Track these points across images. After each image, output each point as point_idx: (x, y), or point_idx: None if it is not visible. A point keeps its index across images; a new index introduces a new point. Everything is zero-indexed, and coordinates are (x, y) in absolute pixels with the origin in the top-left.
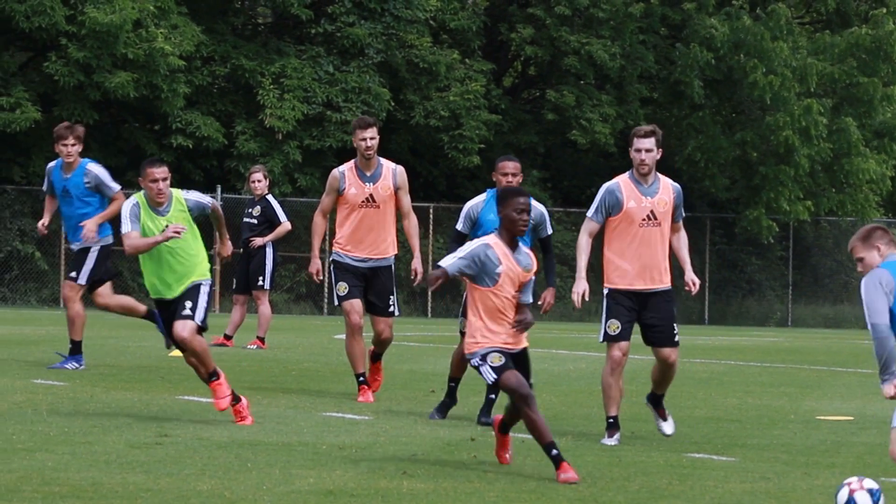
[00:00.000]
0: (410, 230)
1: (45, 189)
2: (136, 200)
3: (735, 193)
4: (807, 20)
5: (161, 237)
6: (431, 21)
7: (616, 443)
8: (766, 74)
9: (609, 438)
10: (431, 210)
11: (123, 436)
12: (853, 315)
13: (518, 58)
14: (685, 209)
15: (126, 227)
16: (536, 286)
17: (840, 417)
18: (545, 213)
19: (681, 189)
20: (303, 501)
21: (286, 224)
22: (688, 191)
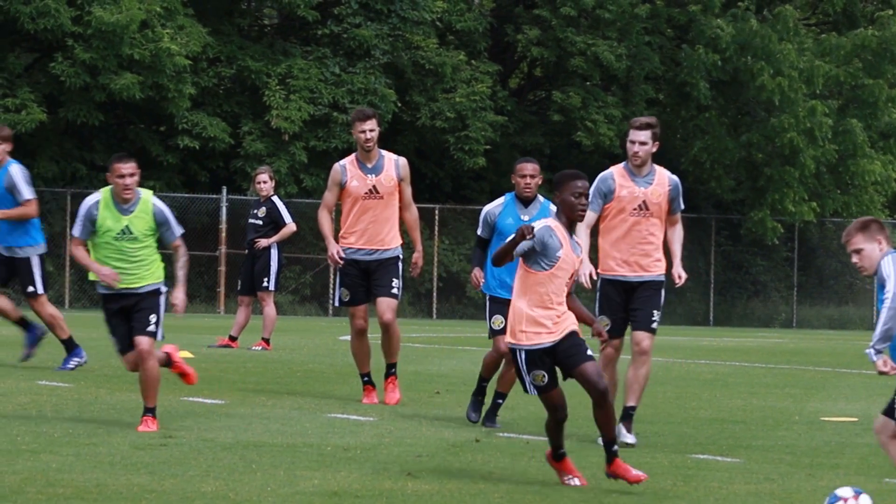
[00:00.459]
0: (411, 222)
1: None
2: (98, 199)
3: (740, 195)
4: (812, 21)
5: (99, 271)
6: (438, 22)
7: (633, 440)
8: (774, 77)
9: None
10: (437, 211)
11: (128, 437)
12: (858, 316)
13: (524, 59)
14: (690, 209)
15: (75, 231)
16: None
17: (844, 419)
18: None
19: (678, 181)
20: (307, 503)
21: (291, 225)
22: (693, 192)
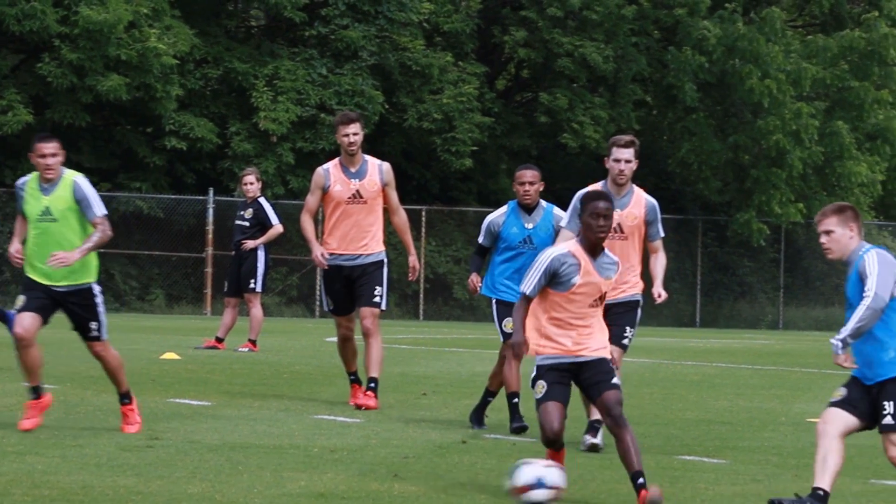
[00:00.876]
0: (401, 226)
1: None
2: (27, 178)
3: (727, 196)
4: (799, 23)
5: (10, 255)
6: (425, 23)
7: (601, 441)
8: (762, 79)
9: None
10: (424, 213)
11: (114, 439)
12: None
13: (511, 60)
14: (677, 211)
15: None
16: None
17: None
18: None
19: (656, 205)
20: None
21: (278, 227)
22: (680, 193)
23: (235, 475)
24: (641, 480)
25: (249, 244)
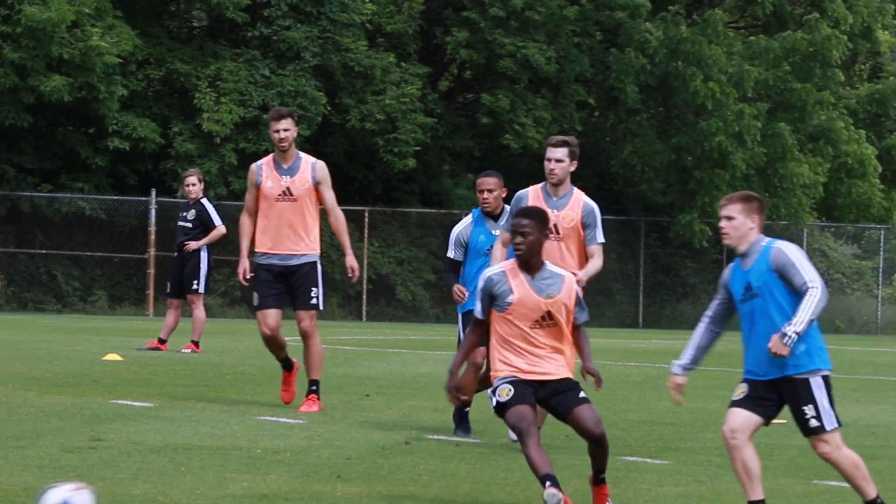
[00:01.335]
0: (338, 226)
1: None
2: None
3: (670, 198)
4: (742, 24)
5: None
6: (367, 24)
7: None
8: (705, 81)
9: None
10: (367, 214)
11: (56, 440)
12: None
13: (453, 61)
14: (620, 212)
15: None
16: None
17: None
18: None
19: (595, 208)
20: None
21: (221, 228)
22: (623, 195)
23: (178, 476)
24: (602, 476)
25: (192, 245)
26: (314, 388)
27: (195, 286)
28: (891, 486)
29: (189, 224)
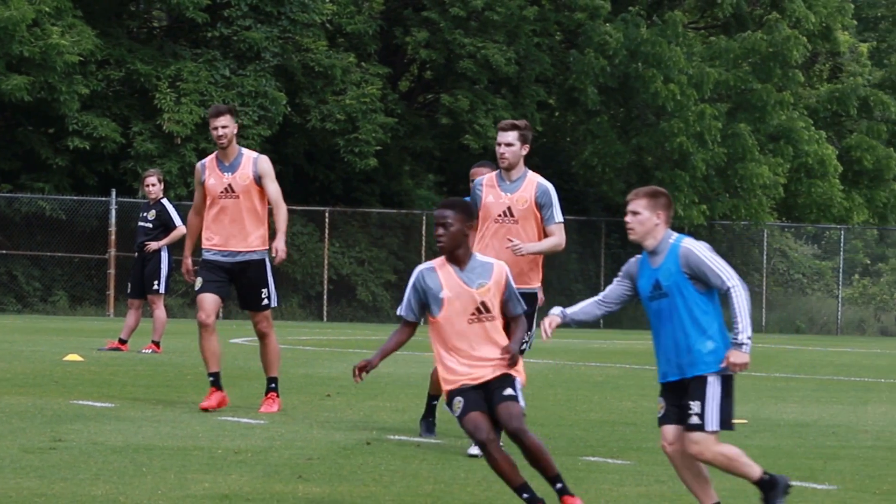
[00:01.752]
0: (278, 217)
1: None
2: None
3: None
4: (702, 24)
5: None
6: (328, 24)
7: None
8: (665, 83)
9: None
10: (327, 214)
11: (17, 440)
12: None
13: (414, 62)
14: (580, 212)
15: None
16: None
17: (734, 420)
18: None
19: (549, 188)
20: None
21: (181, 228)
22: (584, 195)
23: (139, 477)
24: (561, 485)
25: (152, 245)
26: (273, 386)
27: (156, 286)
28: (852, 487)
29: (149, 224)
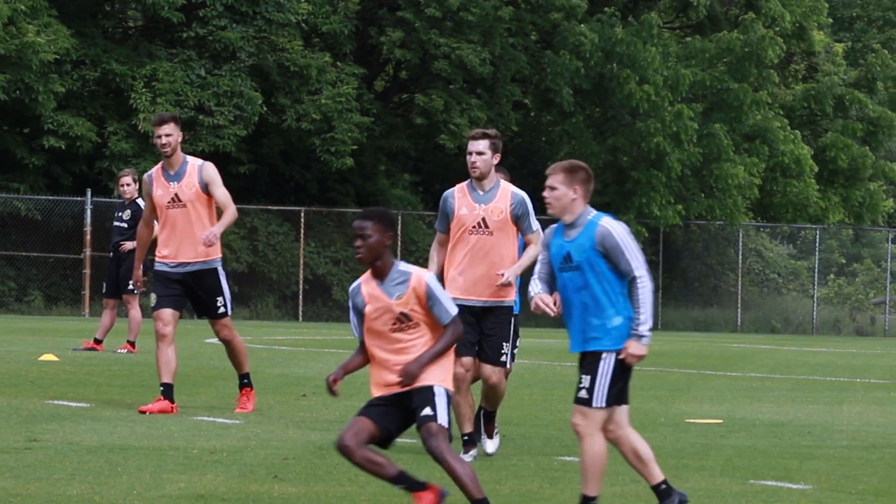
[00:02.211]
0: (225, 215)
1: None
2: None
3: (607, 198)
4: (677, 24)
5: None
6: (303, 24)
7: (472, 459)
8: (640, 84)
9: (465, 455)
10: (303, 214)
11: None
12: (723, 319)
13: (389, 62)
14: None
15: None
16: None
17: (709, 420)
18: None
19: (525, 198)
20: None
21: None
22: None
23: (115, 477)
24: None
25: (128, 245)
26: (246, 381)
27: (131, 286)
28: (827, 486)
29: (124, 224)
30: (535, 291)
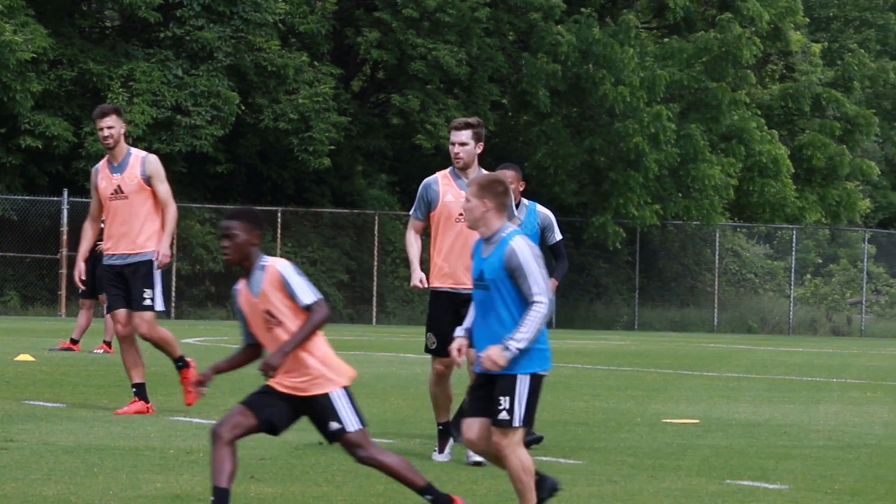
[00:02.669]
0: (165, 217)
1: None
2: None
3: (584, 198)
4: (654, 24)
5: None
6: (280, 24)
7: (447, 456)
8: (616, 85)
9: (440, 453)
10: (280, 214)
11: None
12: (699, 318)
13: (366, 62)
14: None
15: None
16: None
17: (686, 420)
18: (552, 218)
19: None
20: None
21: None
22: (536, 196)
23: (91, 477)
24: (431, 496)
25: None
26: (181, 364)
27: None
28: (803, 486)
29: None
30: (458, 333)
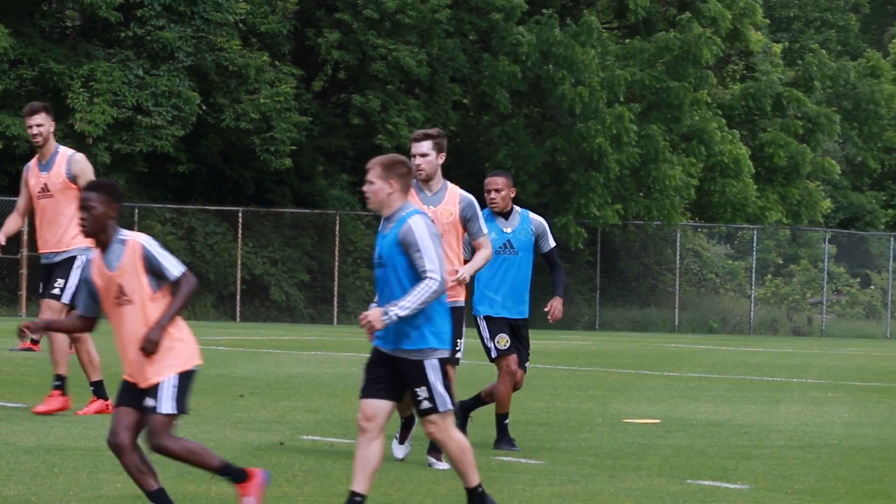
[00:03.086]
0: None
1: None
2: None
3: (545, 199)
4: (615, 25)
5: None
6: (241, 24)
7: (407, 449)
8: (575, 85)
9: (401, 447)
10: (241, 214)
11: None
12: (660, 319)
13: (327, 62)
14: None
15: None
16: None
17: (647, 420)
18: (545, 226)
19: (473, 201)
20: None
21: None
22: None
23: (51, 477)
24: (228, 476)
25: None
26: (59, 384)
27: None
28: (764, 486)
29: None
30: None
